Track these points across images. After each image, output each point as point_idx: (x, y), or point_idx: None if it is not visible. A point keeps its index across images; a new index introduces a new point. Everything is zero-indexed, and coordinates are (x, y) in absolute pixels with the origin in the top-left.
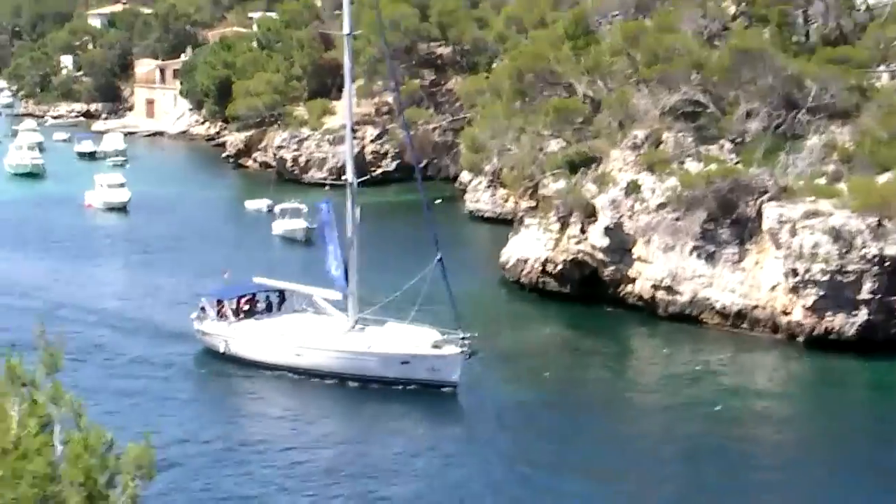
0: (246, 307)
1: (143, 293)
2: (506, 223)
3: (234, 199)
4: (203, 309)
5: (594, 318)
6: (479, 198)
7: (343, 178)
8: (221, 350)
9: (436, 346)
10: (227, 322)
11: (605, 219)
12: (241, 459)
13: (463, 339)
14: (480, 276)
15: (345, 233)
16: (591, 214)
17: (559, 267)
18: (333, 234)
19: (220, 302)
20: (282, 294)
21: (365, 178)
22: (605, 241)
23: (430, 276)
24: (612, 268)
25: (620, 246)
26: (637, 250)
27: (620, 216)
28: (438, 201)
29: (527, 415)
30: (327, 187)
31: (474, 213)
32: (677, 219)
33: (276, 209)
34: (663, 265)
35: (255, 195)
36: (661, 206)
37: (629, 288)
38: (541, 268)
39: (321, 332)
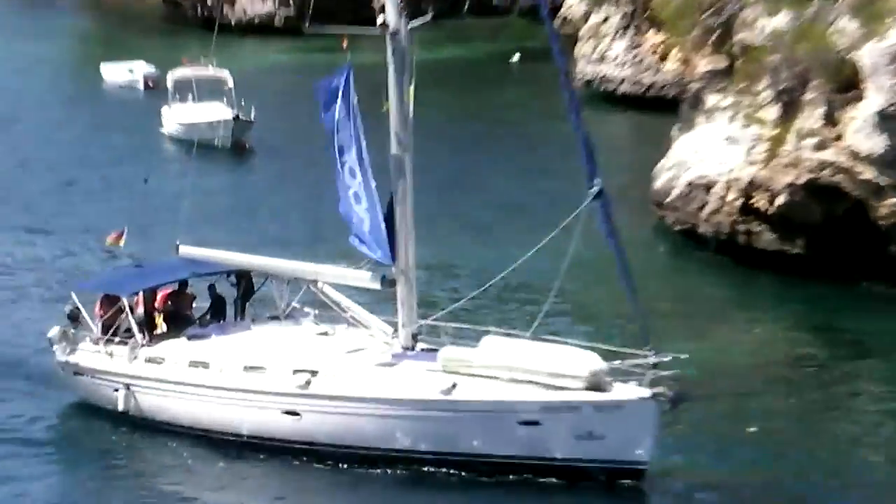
0: (165, 309)
1: None
2: (662, 106)
3: (79, 60)
4: (74, 318)
5: (857, 307)
6: (606, 53)
7: (377, 23)
8: (120, 406)
9: (594, 385)
10: (130, 346)
11: (877, 97)
12: None
13: (654, 365)
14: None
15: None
16: (846, 86)
17: (780, 199)
18: (360, 147)
19: (109, 301)
20: (244, 280)
21: (424, 18)
22: (878, 144)
23: (577, 230)
24: (894, 201)
25: None
26: None
27: None
28: (515, 59)
29: None
30: (345, 45)
31: (595, 84)
32: None
33: (168, 81)
34: None
35: (120, 52)
36: None
37: None
38: (740, 202)
39: (338, 362)
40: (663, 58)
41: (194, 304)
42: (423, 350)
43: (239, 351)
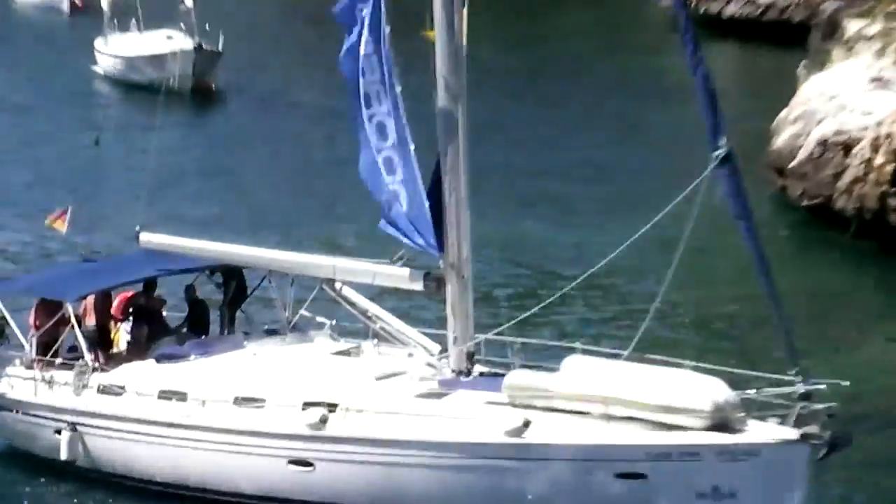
0: (128, 323)
1: None
2: (784, 35)
3: None
4: None
5: None
6: None
7: None
8: (63, 454)
9: (719, 423)
10: (77, 371)
11: None
12: None
13: (804, 396)
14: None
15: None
16: None
17: None
18: (394, 95)
19: (47, 308)
20: (233, 280)
21: None
22: None
23: (695, 209)
24: None
25: None
26: None
27: None
28: None
29: None
30: None
31: (692, 4)
32: None
33: (104, 0)
34: None
35: None
36: None
37: None
38: (893, 167)
39: (364, 392)
40: None
41: (165, 313)
42: (481, 375)
43: (228, 377)
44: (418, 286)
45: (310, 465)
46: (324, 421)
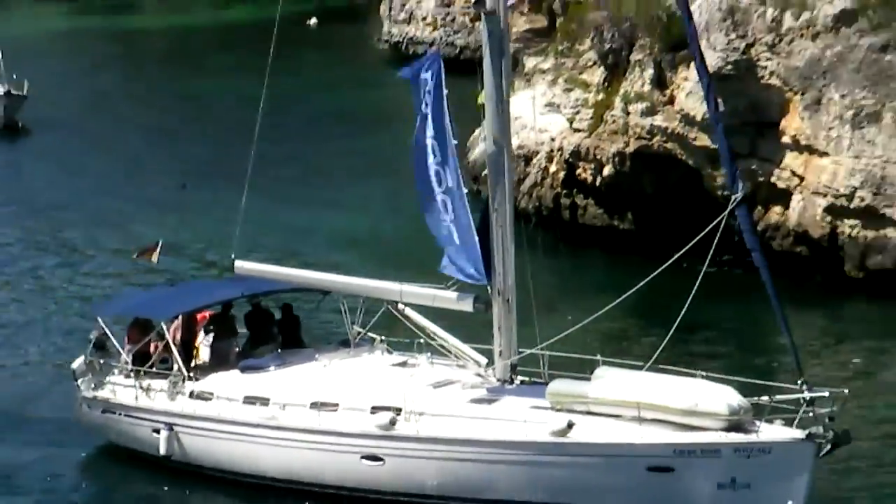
0: (208, 335)
1: None
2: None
3: None
4: (100, 346)
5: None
6: (414, 11)
7: None
8: (161, 450)
9: (734, 425)
10: (171, 379)
11: (711, 56)
12: None
13: (806, 400)
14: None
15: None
16: (677, 46)
17: (607, 170)
18: (449, 148)
19: (141, 326)
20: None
21: None
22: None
23: (712, 244)
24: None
25: (752, 118)
26: (790, 126)
27: (750, 43)
28: (312, 23)
29: None
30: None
31: (402, 47)
32: (884, 47)
33: None
34: (853, 158)
35: None
36: (846, 17)
37: (774, 214)
38: (563, 171)
39: (425, 397)
40: (476, 17)
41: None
42: (522, 384)
43: (304, 385)
44: (468, 307)
45: (380, 460)
46: (393, 423)
